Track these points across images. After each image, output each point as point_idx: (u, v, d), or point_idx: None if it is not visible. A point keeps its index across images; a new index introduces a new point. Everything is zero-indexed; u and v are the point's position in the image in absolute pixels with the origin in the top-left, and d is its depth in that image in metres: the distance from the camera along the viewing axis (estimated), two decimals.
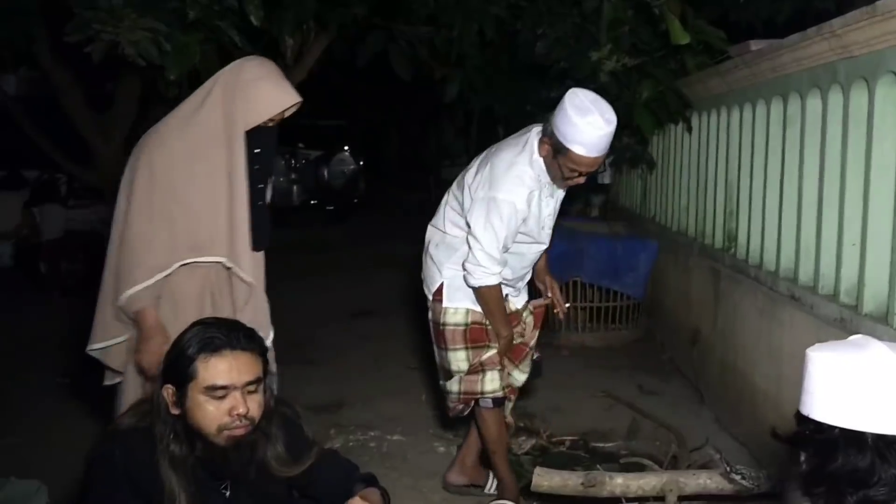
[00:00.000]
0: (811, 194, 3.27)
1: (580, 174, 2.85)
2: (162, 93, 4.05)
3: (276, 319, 2.80)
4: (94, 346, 2.62)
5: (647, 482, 2.88)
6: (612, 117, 2.75)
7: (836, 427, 1.28)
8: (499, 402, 3.09)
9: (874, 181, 2.78)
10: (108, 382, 2.69)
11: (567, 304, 3.30)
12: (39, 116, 6.55)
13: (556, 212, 3.13)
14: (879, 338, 1.36)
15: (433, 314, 3.16)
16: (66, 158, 6.41)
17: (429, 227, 3.25)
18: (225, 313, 2.50)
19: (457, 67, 5.87)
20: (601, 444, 3.76)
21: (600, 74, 4.78)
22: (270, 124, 2.57)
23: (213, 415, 1.82)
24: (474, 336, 3.06)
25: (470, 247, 2.92)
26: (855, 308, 2.89)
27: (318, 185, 12.35)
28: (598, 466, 3.13)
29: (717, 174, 4.47)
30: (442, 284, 3.12)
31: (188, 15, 3.45)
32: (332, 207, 12.34)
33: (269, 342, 2.64)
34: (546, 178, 2.93)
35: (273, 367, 2.77)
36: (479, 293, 2.98)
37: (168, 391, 1.84)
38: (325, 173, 12.46)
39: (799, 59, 3.30)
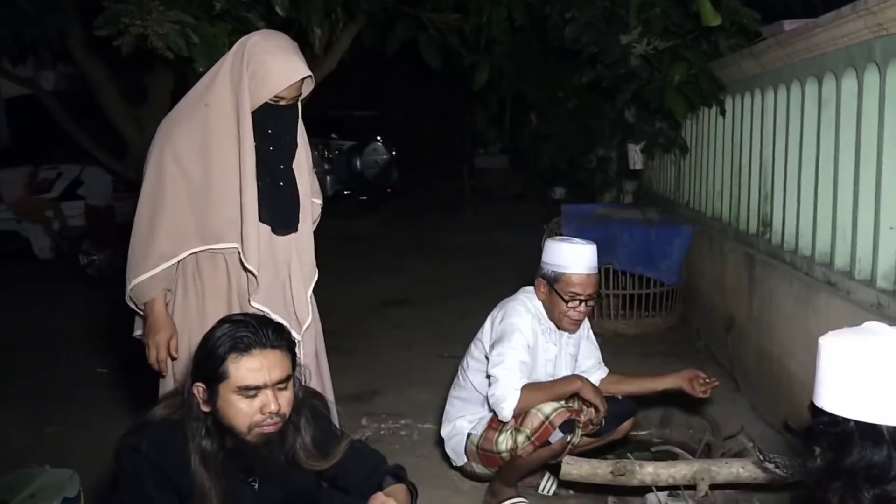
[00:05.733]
0: (847, 177, 3.19)
1: (581, 300, 2.99)
2: (192, 85, 4.09)
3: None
4: (138, 332, 2.60)
5: (678, 471, 2.85)
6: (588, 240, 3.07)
7: (850, 420, 1.23)
8: (569, 429, 2.88)
9: None
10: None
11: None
12: (77, 111, 6.68)
13: (566, 365, 3.18)
14: None
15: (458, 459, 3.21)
16: (103, 152, 6.54)
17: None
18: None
19: (487, 54, 5.85)
20: (634, 433, 3.72)
21: (630, 58, 4.73)
22: (282, 102, 2.41)
23: (245, 413, 1.83)
24: (486, 460, 3.07)
25: (490, 378, 2.97)
26: (893, 293, 2.82)
27: (352, 176, 12.40)
28: (628, 455, 3.10)
29: (751, 158, 4.38)
30: (443, 440, 3.26)
31: (215, 6, 3.48)
32: (365, 197, 12.39)
33: (305, 326, 2.60)
34: (546, 321, 3.08)
35: (325, 362, 2.77)
36: (522, 405, 2.90)
37: (199, 389, 1.86)
38: (358, 163, 12.51)
39: (834, 37, 3.21)
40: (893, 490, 1.20)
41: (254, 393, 1.82)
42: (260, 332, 1.84)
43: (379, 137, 13.03)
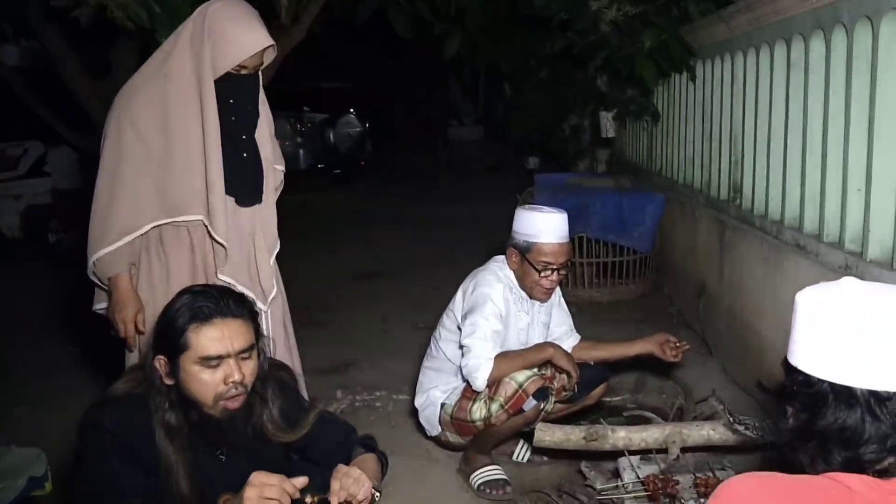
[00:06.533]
0: (815, 140, 3.19)
1: (553, 270, 2.98)
2: None
3: (283, 282, 2.75)
4: (98, 307, 2.57)
5: (649, 435, 2.87)
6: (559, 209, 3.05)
7: (825, 381, 1.20)
8: (542, 396, 2.90)
9: (878, 124, 2.71)
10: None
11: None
12: (42, 87, 6.52)
13: (538, 334, 3.17)
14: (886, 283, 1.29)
15: (431, 424, 3.20)
16: (68, 128, 6.41)
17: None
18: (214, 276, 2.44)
19: (457, 23, 5.78)
20: (607, 399, 3.75)
21: (601, 24, 4.69)
22: (244, 72, 2.39)
23: (209, 384, 1.80)
24: (460, 429, 3.05)
25: (463, 349, 2.95)
26: (860, 254, 2.84)
27: (325, 149, 12.29)
28: (601, 420, 3.12)
29: (721, 123, 4.38)
30: (417, 411, 3.24)
31: None
32: (338, 170, 12.29)
33: (271, 297, 2.57)
34: (517, 290, 3.07)
35: (291, 332, 2.73)
36: (495, 374, 2.89)
37: (160, 362, 1.83)
38: (331, 136, 12.39)
39: None
40: (865, 453, 1.18)
41: (216, 363, 1.79)
42: (220, 301, 1.81)
43: (352, 110, 12.91)
